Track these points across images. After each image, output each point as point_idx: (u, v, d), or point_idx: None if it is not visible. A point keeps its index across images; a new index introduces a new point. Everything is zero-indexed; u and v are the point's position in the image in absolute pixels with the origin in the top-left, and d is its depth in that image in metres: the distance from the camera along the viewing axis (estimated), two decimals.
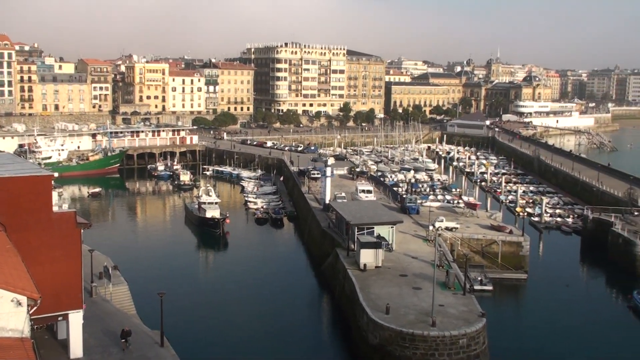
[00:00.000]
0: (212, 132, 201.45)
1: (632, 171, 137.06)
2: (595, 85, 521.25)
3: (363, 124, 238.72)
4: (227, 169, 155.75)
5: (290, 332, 61.39)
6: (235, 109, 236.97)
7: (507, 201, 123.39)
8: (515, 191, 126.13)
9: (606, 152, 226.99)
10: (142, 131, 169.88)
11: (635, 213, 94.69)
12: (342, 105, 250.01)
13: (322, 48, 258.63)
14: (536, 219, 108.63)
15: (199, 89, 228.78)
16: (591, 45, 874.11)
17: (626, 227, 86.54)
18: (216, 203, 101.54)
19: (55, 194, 46.84)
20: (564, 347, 59.25)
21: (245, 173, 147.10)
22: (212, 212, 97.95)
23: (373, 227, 71.82)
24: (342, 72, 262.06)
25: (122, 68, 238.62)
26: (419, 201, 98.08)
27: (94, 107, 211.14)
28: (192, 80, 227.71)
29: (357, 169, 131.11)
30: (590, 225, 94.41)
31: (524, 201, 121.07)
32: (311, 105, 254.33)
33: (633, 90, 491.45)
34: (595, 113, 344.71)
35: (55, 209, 42.02)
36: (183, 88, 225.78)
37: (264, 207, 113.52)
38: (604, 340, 61.26)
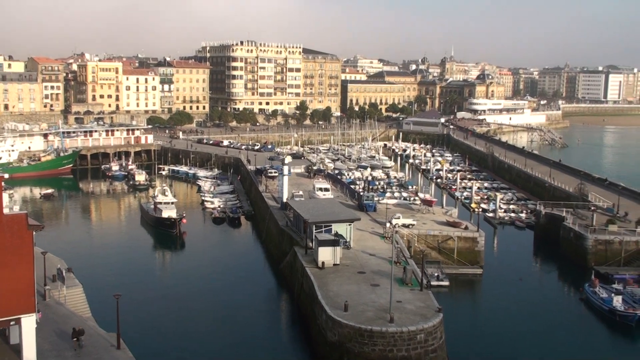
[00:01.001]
0: (167, 131, 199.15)
1: (582, 167, 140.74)
2: (546, 83, 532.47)
3: (320, 122, 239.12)
4: (183, 168, 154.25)
5: (249, 331, 61.16)
6: (191, 107, 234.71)
7: (463, 197, 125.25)
8: (470, 187, 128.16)
9: (557, 148, 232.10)
10: (96, 131, 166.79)
11: (592, 208, 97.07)
12: (298, 104, 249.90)
13: (278, 46, 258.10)
14: (491, 214, 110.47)
15: (154, 88, 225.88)
16: (542, 44, 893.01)
17: (577, 222, 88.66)
18: (172, 203, 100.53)
19: (5, 196, 45.63)
20: (518, 340, 60.43)
21: (201, 172, 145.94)
22: (169, 212, 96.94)
23: (331, 225, 72.02)
24: (298, 70, 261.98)
25: (74, 67, 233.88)
26: (376, 199, 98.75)
27: (45, 106, 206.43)
28: (146, 79, 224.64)
29: (315, 167, 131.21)
30: (542, 220, 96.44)
31: (479, 197, 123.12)
32: (267, 103, 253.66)
33: (582, 88, 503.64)
34: (546, 110, 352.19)
35: (5, 211, 41.03)
36: (137, 87, 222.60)
37: (221, 206, 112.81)
38: (557, 333, 62.66)
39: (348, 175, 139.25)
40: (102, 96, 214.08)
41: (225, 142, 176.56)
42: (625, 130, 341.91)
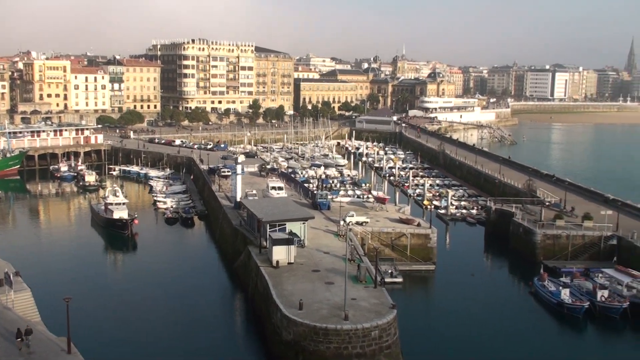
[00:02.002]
0: (118, 130, 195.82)
1: (530, 163, 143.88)
2: (495, 81, 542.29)
3: (273, 121, 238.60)
4: (135, 168, 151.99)
5: (203, 332, 60.70)
6: (142, 106, 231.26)
7: (415, 195, 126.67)
8: (423, 185, 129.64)
9: (507, 145, 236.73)
10: (43, 131, 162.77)
11: (547, 203, 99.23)
12: (251, 102, 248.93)
13: (230, 45, 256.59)
14: (442, 211, 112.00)
15: (103, 87, 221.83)
16: (491, 43, 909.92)
17: (526, 217, 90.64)
18: (124, 204, 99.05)
19: None
20: (470, 334, 61.45)
21: (153, 172, 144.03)
22: (120, 213, 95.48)
23: (285, 224, 71.95)
24: (250, 68, 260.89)
25: (20, 65, 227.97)
26: (329, 197, 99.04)
27: None
28: (95, 78, 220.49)
29: (268, 166, 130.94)
30: (493, 216, 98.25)
31: (431, 194, 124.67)
32: (220, 102, 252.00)
33: (530, 86, 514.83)
34: (496, 108, 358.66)
35: None
36: (86, 86, 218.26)
37: (174, 206, 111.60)
38: (508, 326, 63.98)
39: (302, 173, 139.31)
40: (49, 95, 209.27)
41: (178, 142, 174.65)
42: (571, 127, 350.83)
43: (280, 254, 65.08)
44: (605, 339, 63.50)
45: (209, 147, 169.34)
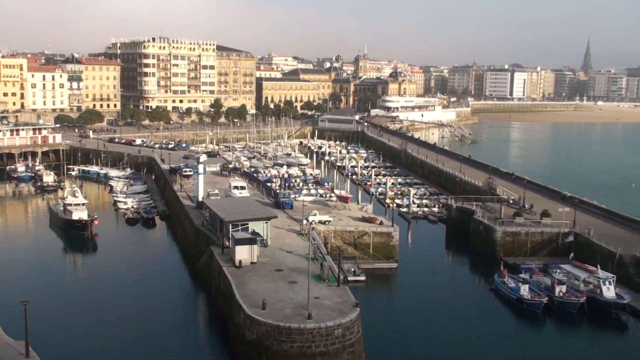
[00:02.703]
0: (77, 130, 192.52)
1: (490, 162, 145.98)
2: (455, 80, 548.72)
3: (235, 120, 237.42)
4: (94, 168, 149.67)
5: (166, 334, 60.16)
6: (102, 105, 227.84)
7: (377, 193, 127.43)
8: (385, 183, 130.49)
9: (467, 144, 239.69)
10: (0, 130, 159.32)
11: (511, 200, 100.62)
12: (213, 101, 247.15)
13: (191, 43, 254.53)
14: (405, 209, 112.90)
15: (61, 86, 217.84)
16: (452, 43, 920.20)
17: (486, 215, 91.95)
18: (83, 204, 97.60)
19: None
20: (433, 330, 62.12)
21: (113, 172, 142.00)
22: (79, 214, 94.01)
23: (247, 224, 71.75)
24: (212, 67, 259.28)
25: None
26: (292, 196, 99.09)
27: None
28: (53, 76, 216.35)
29: (230, 166, 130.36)
30: (454, 214, 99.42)
31: (393, 193, 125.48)
32: (181, 101, 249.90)
33: (489, 86, 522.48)
34: (456, 107, 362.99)
35: None
36: (44, 84, 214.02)
37: (135, 206, 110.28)
38: (469, 322, 64.82)
39: (264, 173, 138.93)
40: (5, 94, 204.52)
41: (138, 141, 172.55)
42: (529, 126, 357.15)
43: (243, 253, 64.87)
44: (563, 333, 64.82)
45: (170, 146, 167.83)
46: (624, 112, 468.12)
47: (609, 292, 67.24)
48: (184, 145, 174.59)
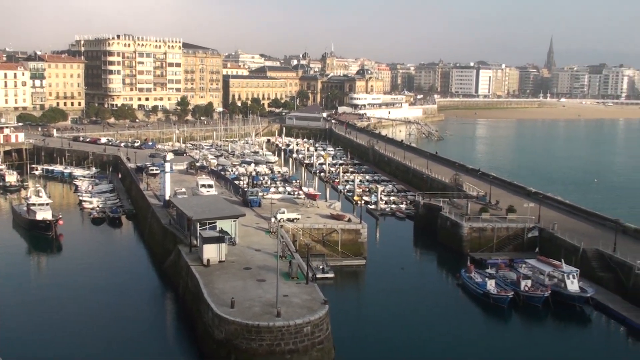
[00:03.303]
0: (40, 129, 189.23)
1: (457, 158, 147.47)
2: (422, 78, 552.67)
3: (202, 118, 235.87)
4: (59, 167, 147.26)
5: (133, 335, 59.52)
6: (65, 104, 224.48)
7: (345, 191, 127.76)
8: (353, 181, 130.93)
9: (434, 141, 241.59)
10: None
11: (482, 193, 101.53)
12: (179, 99, 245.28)
13: (157, 41, 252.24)
14: (372, 206, 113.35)
15: (24, 84, 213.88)
16: (418, 40, 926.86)
17: (453, 211, 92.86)
18: (47, 204, 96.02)
19: None
20: (401, 326, 62.53)
21: (78, 171, 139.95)
22: (43, 214, 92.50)
23: (215, 222, 71.36)
24: (178, 65, 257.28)
25: None
26: (260, 194, 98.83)
27: None
28: (15, 74, 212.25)
29: (197, 164, 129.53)
30: (421, 210, 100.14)
31: (361, 190, 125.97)
32: (147, 99, 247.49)
33: (455, 83, 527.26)
34: (423, 104, 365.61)
35: None
36: (5, 82, 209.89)
37: (100, 206, 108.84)
38: (437, 318, 65.44)
39: (232, 171, 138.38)
40: None
41: (103, 140, 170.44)
42: (495, 122, 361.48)
43: (211, 252, 64.52)
44: (529, 327, 65.81)
45: (136, 145, 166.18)
46: (586, 108, 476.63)
47: (573, 285, 68.44)
48: (150, 143, 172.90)
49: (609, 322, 65.46)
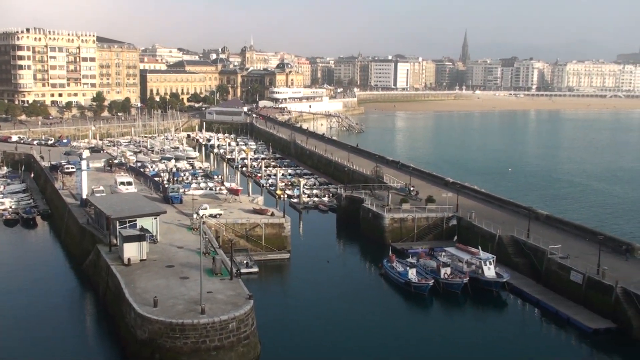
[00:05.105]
0: None
1: (377, 150, 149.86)
2: (342, 71, 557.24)
3: (119, 114, 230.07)
4: None
5: (52, 338, 57.59)
6: None
7: (268, 185, 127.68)
8: (275, 175, 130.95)
9: (354, 134, 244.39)
10: None
11: (412, 187, 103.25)
12: (95, 95, 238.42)
13: (69, 34, 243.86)
14: (295, 200, 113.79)
15: None
16: (337, 34, 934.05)
17: (374, 202, 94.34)
18: None
19: None
20: (326, 318, 63.17)
21: None
22: None
23: (135, 220, 69.98)
24: (92, 60, 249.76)
25: None
26: (181, 190, 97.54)
27: None
28: None
29: (115, 161, 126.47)
30: (344, 202, 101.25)
31: (283, 184, 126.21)
32: (61, 95, 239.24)
33: (374, 76, 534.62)
34: (343, 98, 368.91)
35: None
36: None
37: (13, 206, 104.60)
38: (361, 307, 66.40)
39: (151, 167, 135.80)
40: None
41: (15, 137, 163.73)
42: (413, 115, 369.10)
43: (131, 251, 63.26)
44: (449, 313, 67.75)
45: (50, 142, 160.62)
46: (499, 100, 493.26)
47: (490, 271, 70.94)
48: (65, 141, 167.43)
49: (524, 305, 68.24)
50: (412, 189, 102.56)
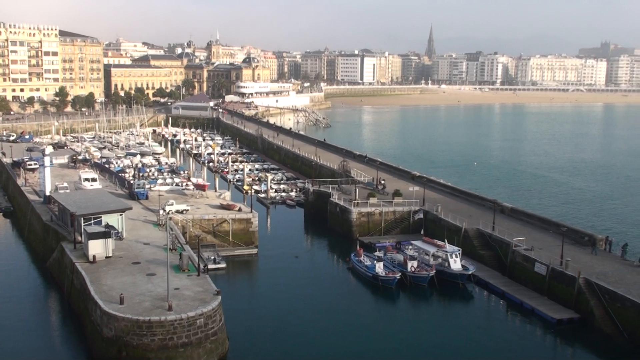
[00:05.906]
0: None
1: (344, 145, 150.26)
2: (308, 66, 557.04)
3: (83, 109, 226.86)
4: None
5: (15, 337, 56.64)
6: None
7: (235, 180, 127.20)
8: (242, 170, 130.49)
9: (322, 128, 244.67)
10: None
11: (383, 181, 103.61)
12: (57, 90, 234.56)
13: (30, 28, 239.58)
14: (263, 195, 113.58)
15: None
16: (303, 28, 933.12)
17: (342, 197, 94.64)
18: None
19: None
20: (295, 313, 63.20)
21: None
22: None
23: (100, 217, 69.12)
24: (55, 54, 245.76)
25: None
26: (147, 186, 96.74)
27: None
28: None
29: (79, 157, 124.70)
30: (311, 197, 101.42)
31: (251, 179, 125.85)
32: (22, 90, 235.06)
33: (341, 71, 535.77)
34: (310, 92, 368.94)
35: None
36: None
37: None
38: (329, 302, 66.57)
39: (116, 163, 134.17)
40: None
41: None
42: (380, 109, 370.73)
43: (96, 248, 62.50)
44: (415, 305, 68.35)
45: (11, 138, 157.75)
46: (464, 94, 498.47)
47: (456, 264, 71.76)
48: (27, 137, 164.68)
49: (490, 296, 69.21)
50: (383, 182, 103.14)
